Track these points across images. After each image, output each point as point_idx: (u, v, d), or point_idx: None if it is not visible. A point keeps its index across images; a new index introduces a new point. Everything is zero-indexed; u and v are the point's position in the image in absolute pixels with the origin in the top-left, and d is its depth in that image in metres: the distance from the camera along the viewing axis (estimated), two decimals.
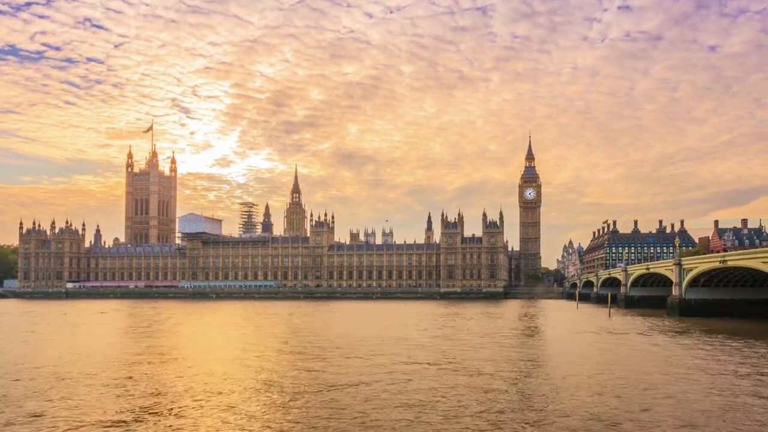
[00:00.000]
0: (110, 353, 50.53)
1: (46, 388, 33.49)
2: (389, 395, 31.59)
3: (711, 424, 25.75)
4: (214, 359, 46.56)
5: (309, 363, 43.72)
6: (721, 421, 26.30)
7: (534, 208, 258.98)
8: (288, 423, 25.91)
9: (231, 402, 29.94)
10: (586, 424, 25.60)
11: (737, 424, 25.81)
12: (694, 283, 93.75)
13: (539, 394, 32.37)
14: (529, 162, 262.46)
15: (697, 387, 34.19)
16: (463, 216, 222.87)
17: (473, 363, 43.37)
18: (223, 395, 31.64)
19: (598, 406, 29.17)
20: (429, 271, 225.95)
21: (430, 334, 67.81)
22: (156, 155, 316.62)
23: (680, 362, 44.39)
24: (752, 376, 38.35)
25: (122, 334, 73.57)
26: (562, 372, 39.97)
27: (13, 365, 42.02)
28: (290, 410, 28.25)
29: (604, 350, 53.47)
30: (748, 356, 47.62)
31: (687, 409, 28.40)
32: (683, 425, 25.51)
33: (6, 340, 62.73)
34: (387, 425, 25.52)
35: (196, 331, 77.25)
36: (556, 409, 28.52)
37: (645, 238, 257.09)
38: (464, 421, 26.18)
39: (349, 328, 77.54)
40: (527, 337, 66.90)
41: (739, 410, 28.39)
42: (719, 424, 25.78)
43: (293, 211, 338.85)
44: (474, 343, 57.63)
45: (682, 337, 62.92)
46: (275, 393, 32.29)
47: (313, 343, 58.32)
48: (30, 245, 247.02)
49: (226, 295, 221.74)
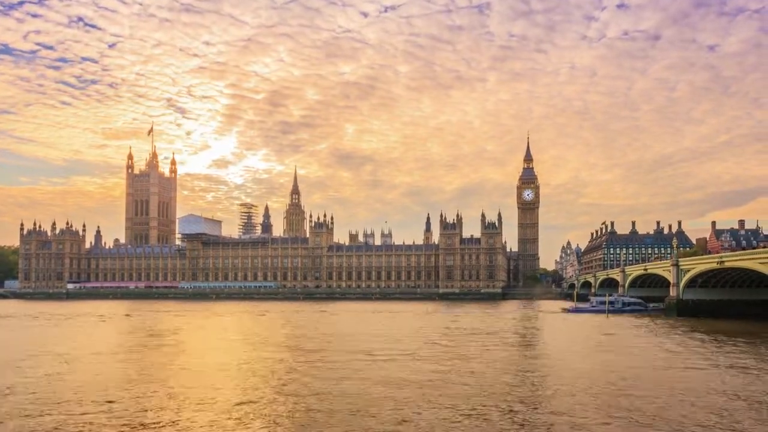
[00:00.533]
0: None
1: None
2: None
3: (706, 422, 25.69)
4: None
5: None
6: (719, 419, 26.22)
7: (532, 209, 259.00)
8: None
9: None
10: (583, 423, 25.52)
11: (735, 423, 25.73)
12: (691, 284, 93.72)
13: (534, 396, 32.26)
14: (528, 163, 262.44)
15: (689, 385, 34.10)
16: (461, 217, 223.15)
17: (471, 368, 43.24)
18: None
19: (590, 405, 29.09)
20: (428, 272, 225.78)
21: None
22: (156, 156, 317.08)
23: (676, 362, 44.32)
24: (746, 374, 38.25)
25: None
26: (556, 374, 39.86)
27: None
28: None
29: (601, 350, 53.37)
30: (744, 355, 47.51)
31: (682, 408, 28.33)
32: (679, 424, 25.44)
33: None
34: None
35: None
36: (552, 410, 28.42)
37: (643, 239, 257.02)
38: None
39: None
40: (526, 340, 66.75)
41: (735, 410, 28.31)
42: (716, 422, 25.71)
43: (293, 212, 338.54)
44: (472, 347, 57.49)
45: (680, 337, 62.78)
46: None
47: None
48: (31, 246, 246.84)
49: (226, 295, 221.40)
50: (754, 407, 29.23)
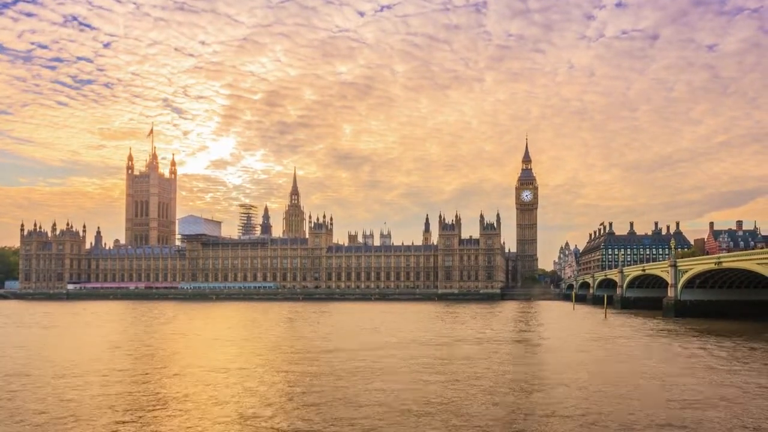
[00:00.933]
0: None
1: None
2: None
3: (700, 421, 25.24)
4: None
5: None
6: (714, 420, 25.76)
7: (531, 210, 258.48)
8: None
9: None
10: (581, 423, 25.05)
11: (730, 423, 25.27)
12: (689, 285, 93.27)
13: (534, 397, 31.78)
14: (526, 164, 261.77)
15: (685, 386, 33.67)
16: (460, 218, 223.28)
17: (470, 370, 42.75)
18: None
19: (585, 404, 28.62)
20: (427, 273, 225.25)
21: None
22: (156, 158, 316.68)
23: (675, 361, 43.87)
24: (745, 374, 37.78)
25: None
26: (556, 373, 39.39)
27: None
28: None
29: (599, 349, 52.90)
30: (742, 356, 47.05)
31: (672, 406, 27.88)
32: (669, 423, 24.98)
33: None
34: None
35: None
36: (549, 411, 27.95)
37: (641, 239, 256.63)
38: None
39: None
40: (525, 339, 66.25)
41: (732, 410, 27.86)
42: (712, 421, 25.25)
43: (292, 213, 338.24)
44: (470, 350, 56.99)
45: (677, 338, 62.32)
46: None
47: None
48: (31, 247, 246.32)
49: (226, 296, 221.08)
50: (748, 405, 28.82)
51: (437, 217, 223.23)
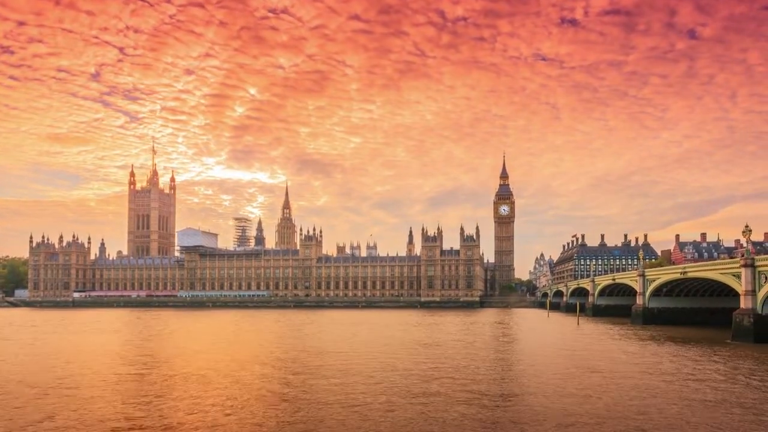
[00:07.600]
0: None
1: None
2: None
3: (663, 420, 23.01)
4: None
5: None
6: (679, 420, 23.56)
7: (508, 223, 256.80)
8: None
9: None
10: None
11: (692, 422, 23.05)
12: (656, 293, 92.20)
13: (511, 396, 29.33)
14: (504, 180, 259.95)
15: (649, 387, 31.45)
16: (442, 230, 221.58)
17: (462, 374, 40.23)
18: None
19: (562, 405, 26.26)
20: (410, 282, 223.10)
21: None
22: (157, 174, 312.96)
23: (641, 364, 41.72)
24: (703, 377, 35.68)
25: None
26: (530, 373, 37.02)
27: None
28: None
29: (572, 354, 50.65)
30: (703, 359, 45.01)
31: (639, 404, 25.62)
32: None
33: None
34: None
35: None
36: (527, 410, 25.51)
37: (611, 250, 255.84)
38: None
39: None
40: (503, 344, 63.87)
41: (695, 409, 25.71)
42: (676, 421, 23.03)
43: (284, 226, 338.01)
44: (455, 351, 54.50)
45: (645, 343, 60.42)
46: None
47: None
48: (39, 257, 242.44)
49: (222, 304, 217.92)
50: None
51: (420, 229, 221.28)
